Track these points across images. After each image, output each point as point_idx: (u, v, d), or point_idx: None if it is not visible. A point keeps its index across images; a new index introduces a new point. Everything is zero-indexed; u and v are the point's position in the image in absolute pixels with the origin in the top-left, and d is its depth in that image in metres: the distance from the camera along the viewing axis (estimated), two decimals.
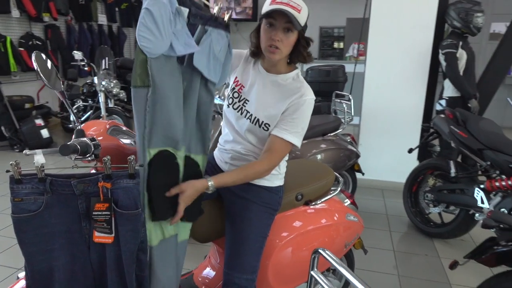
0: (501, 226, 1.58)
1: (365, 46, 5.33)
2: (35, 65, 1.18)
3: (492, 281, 1.58)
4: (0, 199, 3.41)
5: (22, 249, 1.12)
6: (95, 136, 1.26)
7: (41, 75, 1.20)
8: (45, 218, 1.11)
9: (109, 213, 1.11)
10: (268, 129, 1.40)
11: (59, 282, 1.16)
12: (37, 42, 6.03)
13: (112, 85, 4.92)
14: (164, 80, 1.15)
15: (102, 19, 7.51)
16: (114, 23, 7.86)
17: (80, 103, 5.21)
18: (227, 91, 1.54)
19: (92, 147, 1.19)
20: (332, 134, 2.96)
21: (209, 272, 1.70)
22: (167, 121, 1.19)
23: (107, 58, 5.11)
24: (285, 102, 1.37)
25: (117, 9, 7.90)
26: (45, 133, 4.94)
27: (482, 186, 2.44)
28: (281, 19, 1.28)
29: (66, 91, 5.65)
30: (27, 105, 5.18)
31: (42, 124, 4.96)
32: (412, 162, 3.56)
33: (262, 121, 1.40)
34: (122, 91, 5.27)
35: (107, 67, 5.05)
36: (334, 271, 1.97)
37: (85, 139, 1.20)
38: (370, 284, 0.88)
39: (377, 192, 3.64)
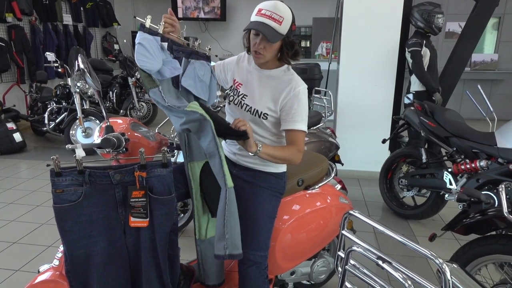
0: (472, 199, 1.84)
1: (333, 45, 5.63)
2: (80, 63, 1.26)
3: (465, 248, 1.84)
4: None
5: (63, 237, 1.21)
6: (123, 131, 1.35)
7: (87, 73, 1.28)
8: (84, 207, 1.21)
9: (145, 199, 1.23)
10: (267, 118, 1.57)
11: (97, 266, 1.26)
12: (1, 43, 5.80)
13: (87, 86, 4.86)
14: (163, 87, 1.38)
15: (67, 19, 7.32)
16: (79, 23, 7.67)
17: (53, 105, 5.09)
18: (227, 91, 1.70)
19: (124, 141, 1.29)
20: (314, 128, 3.16)
21: None
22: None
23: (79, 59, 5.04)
24: (279, 94, 1.55)
25: (82, 8, 7.72)
26: (17, 137, 4.79)
27: (450, 169, 2.74)
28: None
29: (35, 94, 5.50)
30: None
31: (14, 127, 4.81)
32: (384, 152, 3.86)
33: (261, 112, 1.57)
34: None
35: (81, 68, 4.97)
36: (329, 250, 2.17)
37: (117, 134, 1.30)
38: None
39: (354, 181, 3.91)
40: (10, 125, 4.78)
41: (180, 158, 2.33)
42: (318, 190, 1.93)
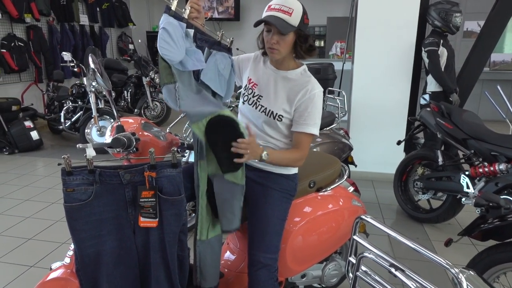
0: (490, 204, 1.78)
1: (347, 44, 5.57)
2: (91, 65, 1.27)
3: (483, 254, 1.78)
4: (0, 200, 3.40)
5: (73, 235, 1.22)
6: (134, 131, 1.35)
7: (97, 73, 1.28)
8: (94, 207, 1.21)
9: (154, 199, 1.22)
10: (281, 119, 1.55)
11: (106, 265, 1.26)
12: (20, 43, 5.93)
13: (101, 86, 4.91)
14: (184, 80, 1.35)
15: (84, 19, 7.43)
16: (95, 23, 7.79)
17: (69, 104, 5.17)
18: (242, 90, 1.68)
19: (134, 141, 1.29)
20: (327, 128, 3.12)
21: (229, 256, 1.82)
22: (195, 101, 1.36)
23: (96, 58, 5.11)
24: (295, 95, 1.53)
25: (98, 9, 7.83)
26: (34, 135, 4.89)
27: (467, 172, 2.67)
28: (274, 25, 1.44)
29: (52, 93, 5.60)
30: (14, 107, 5.10)
31: (32, 126, 4.90)
32: (399, 154, 3.79)
33: (276, 113, 1.55)
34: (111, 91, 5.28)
35: None
36: (340, 253, 2.14)
37: (128, 133, 1.30)
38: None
39: (368, 183, 3.85)
40: (28, 123, 4.88)
41: (191, 158, 2.33)
42: (330, 192, 1.90)
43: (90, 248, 1.24)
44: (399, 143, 3.29)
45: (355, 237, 1.20)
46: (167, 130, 1.80)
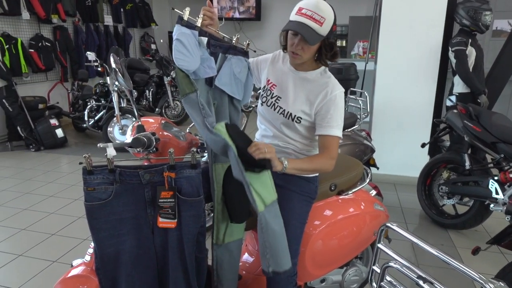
0: None
1: (370, 44, 5.45)
2: (113, 65, 1.27)
3: None
4: (26, 196, 3.50)
5: (93, 234, 1.22)
6: (154, 131, 1.35)
7: (119, 73, 1.29)
8: (114, 206, 1.21)
9: (173, 200, 1.21)
10: (300, 121, 1.51)
11: (125, 264, 1.26)
12: (47, 43, 6.10)
13: None
14: (200, 87, 1.33)
15: (108, 20, 7.59)
16: (119, 23, 7.93)
17: (93, 103, 5.29)
18: (260, 91, 1.66)
19: (154, 141, 1.29)
20: (348, 130, 3.06)
21: (248, 258, 1.80)
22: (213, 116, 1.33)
23: (118, 58, 5.20)
24: (315, 97, 1.49)
25: (122, 9, 7.98)
26: (59, 132, 5.02)
27: (496, 178, 2.55)
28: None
29: (77, 92, 5.74)
30: (40, 106, 5.25)
31: (57, 124, 5.04)
32: (423, 157, 3.67)
33: (295, 115, 1.51)
34: (134, 90, 5.37)
35: None
36: (361, 258, 2.08)
37: (148, 133, 1.29)
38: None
39: (390, 186, 3.75)
40: (53, 121, 5.01)
41: None
42: (352, 195, 1.85)
43: (110, 247, 1.24)
44: (423, 145, 3.19)
45: (379, 245, 1.16)
46: (187, 130, 1.80)
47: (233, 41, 1.43)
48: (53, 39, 6.33)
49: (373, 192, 2.03)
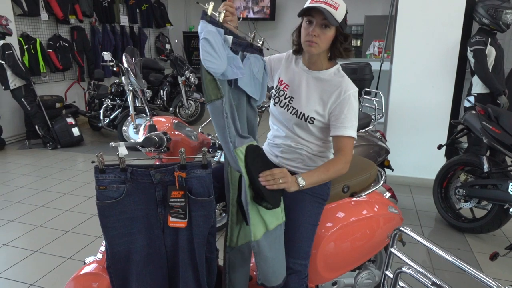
0: None
1: (385, 44, 5.37)
2: (125, 64, 1.28)
3: None
4: (42, 193, 3.58)
5: (105, 233, 1.23)
6: (165, 131, 1.35)
7: (131, 73, 1.30)
8: (125, 205, 1.22)
9: (184, 200, 1.21)
10: (313, 122, 1.49)
11: (136, 263, 1.26)
12: (64, 43, 6.23)
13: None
14: (225, 93, 1.27)
15: (124, 20, 7.69)
16: (135, 24, 8.03)
17: (108, 102, 5.36)
18: (272, 92, 1.64)
19: (165, 140, 1.29)
20: (362, 130, 3.01)
21: None
22: (236, 123, 1.30)
23: (133, 58, 5.26)
24: (329, 96, 1.47)
25: (138, 10, 8.07)
26: (76, 131, 5.11)
27: None
28: (318, 16, 1.38)
29: (93, 91, 5.83)
30: (57, 105, 5.36)
31: (73, 122, 5.13)
32: (439, 158, 3.60)
33: (308, 116, 1.49)
34: (148, 90, 5.43)
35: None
36: (374, 261, 2.04)
37: (159, 133, 1.29)
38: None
39: (405, 189, 3.68)
40: (70, 120, 5.11)
41: (223, 158, 2.32)
42: (365, 197, 1.81)
43: (121, 246, 1.24)
44: (440, 147, 3.11)
45: (392, 249, 1.13)
46: (199, 130, 1.79)
47: (250, 39, 1.41)
48: (71, 39, 6.45)
49: (387, 195, 1.99)
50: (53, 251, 2.58)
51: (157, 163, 1.46)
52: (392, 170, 3.23)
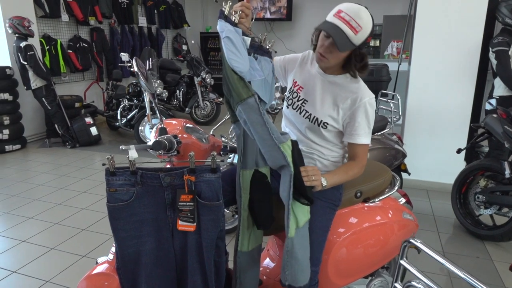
0: None
1: (404, 44, 5.26)
2: (135, 68, 1.29)
3: None
4: (61, 191, 3.66)
5: (115, 234, 1.24)
6: (176, 134, 1.35)
7: (141, 77, 1.31)
8: (135, 207, 1.22)
9: (193, 204, 1.21)
10: (326, 127, 1.47)
11: (145, 266, 1.27)
12: (84, 44, 6.36)
13: (156, 85, 5.12)
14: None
15: (142, 21, 7.80)
16: (153, 24, 8.13)
17: (125, 102, 5.44)
18: (286, 93, 1.62)
19: (176, 143, 1.29)
20: (378, 133, 2.96)
21: (269, 263, 1.77)
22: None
23: (150, 59, 5.33)
24: (343, 102, 1.44)
25: (155, 11, 8.17)
26: (94, 130, 5.21)
27: None
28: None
29: (111, 91, 5.93)
30: (77, 104, 5.48)
31: (91, 122, 5.23)
32: (459, 163, 3.49)
33: (321, 120, 1.47)
34: (164, 90, 5.48)
35: (151, 68, 5.26)
36: (388, 269, 2.00)
37: (170, 136, 1.30)
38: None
39: (422, 193, 3.59)
40: (88, 120, 5.21)
41: (236, 159, 2.32)
42: (379, 203, 1.77)
43: (131, 248, 1.25)
44: (459, 151, 3.02)
45: (402, 261, 1.09)
46: (211, 133, 1.79)
47: (260, 40, 1.40)
48: (90, 40, 6.59)
49: (402, 200, 1.94)
50: (69, 249, 2.64)
51: (168, 166, 1.47)
52: (409, 174, 3.16)
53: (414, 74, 3.57)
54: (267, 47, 1.43)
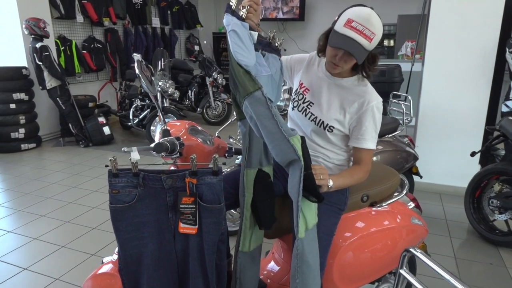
0: None
1: (417, 44, 5.16)
2: (137, 71, 1.30)
3: None
4: (73, 189, 3.72)
5: (117, 236, 1.24)
6: (179, 136, 1.35)
7: (142, 80, 1.31)
8: (137, 209, 1.23)
9: (194, 206, 1.20)
10: (332, 131, 1.44)
11: (147, 267, 1.27)
12: (98, 45, 6.46)
13: (167, 86, 5.16)
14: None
15: (156, 22, 7.87)
16: (166, 25, 8.19)
17: (138, 102, 5.50)
18: (292, 94, 1.60)
19: (178, 145, 1.29)
20: (389, 135, 2.91)
21: (273, 266, 1.76)
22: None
23: (162, 59, 5.38)
24: (350, 105, 1.41)
25: (169, 12, 8.23)
26: (106, 130, 5.28)
27: None
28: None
29: (124, 91, 6.00)
30: (90, 104, 5.56)
31: (104, 122, 5.30)
32: (473, 166, 3.41)
33: (327, 124, 1.44)
34: (176, 91, 5.52)
35: (163, 68, 5.31)
36: (395, 274, 1.96)
37: (172, 138, 1.30)
38: None
39: (435, 196, 3.52)
40: (101, 119, 5.28)
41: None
42: (387, 207, 1.74)
43: (133, 249, 1.26)
44: (473, 154, 2.94)
45: (402, 271, 1.06)
46: (216, 134, 1.79)
47: (269, 37, 1.38)
48: (104, 41, 6.68)
49: (411, 205, 1.89)
50: (79, 247, 2.67)
51: (173, 168, 1.47)
52: (421, 177, 3.10)
53: (427, 75, 3.50)
54: (276, 45, 1.40)
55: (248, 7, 1.25)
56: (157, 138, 1.44)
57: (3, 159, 4.72)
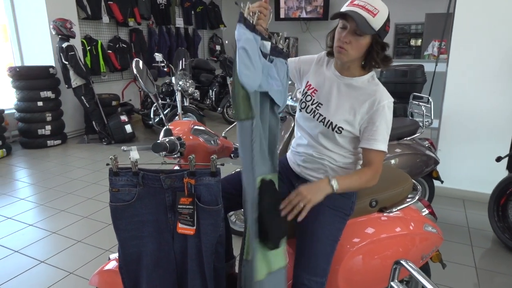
0: None
1: (447, 44, 4.97)
2: (134, 70, 1.31)
3: None
4: (93, 186, 3.82)
5: (117, 234, 1.26)
6: (181, 135, 1.35)
7: (139, 79, 1.32)
8: (137, 208, 1.23)
9: (192, 207, 1.19)
10: (341, 132, 1.40)
11: (146, 267, 1.28)
12: (123, 45, 6.61)
13: (188, 85, 5.21)
14: (257, 111, 1.21)
15: (179, 22, 7.98)
16: (189, 25, 8.29)
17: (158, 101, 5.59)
18: (299, 95, 1.56)
19: (179, 145, 1.28)
20: (408, 138, 2.81)
21: None
22: (263, 149, 1.26)
23: (183, 59, 5.43)
24: (360, 105, 1.37)
25: (192, 12, 8.33)
26: (128, 128, 5.40)
27: None
28: (352, 22, 1.28)
29: None
30: (113, 103, 5.71)
31: (126, 120, 5.42)
32: (499, 171, 3.23)
33: (336, 125, 1.40)
34: (196, 90, 5.57)
35: (183, 68, 5.36)
36: (408, 283, 1.89)
37: (173, 138, 1.29)
38: None
39: (458, 202, 3.37)
40: (123, 118, 5.41)
41: None
42: (398, 213, 1.67)
43: (132, 248, 1.26)
44: (498, 159, 2.79)
45: (393, 283, 1.00)
46: (222, 135, 1.78)
47: (276, 40, 1.34)
48: (129, 41, 6.83)
49: (425, 211, 1.81)
50: (94, 243, 2.74)
51: (176, 167, 1.47)
52: (442, 182, 2.97)
53: (451, 76, 3.35)
54: (281, 47, 1.37)
55: (259, 13, 1.21)
56: (161, 137, 1.45)
57: (30, 155, 4.91)
